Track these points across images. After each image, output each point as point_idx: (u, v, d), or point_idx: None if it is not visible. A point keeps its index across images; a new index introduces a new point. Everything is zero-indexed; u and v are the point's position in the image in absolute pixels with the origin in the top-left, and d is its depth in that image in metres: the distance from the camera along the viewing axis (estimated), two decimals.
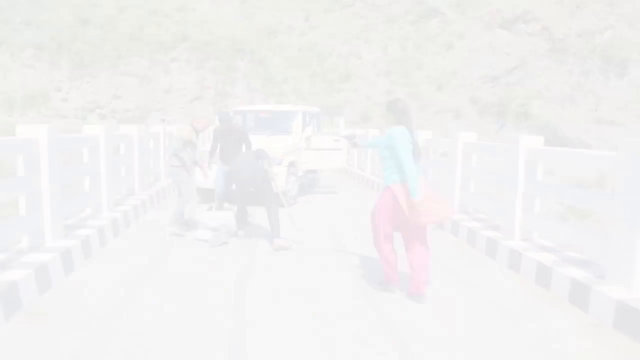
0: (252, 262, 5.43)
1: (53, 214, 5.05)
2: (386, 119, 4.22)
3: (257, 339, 3.44)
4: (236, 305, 4.10)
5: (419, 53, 48.11)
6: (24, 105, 39.50)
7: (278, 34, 49.72)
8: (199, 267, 5.22)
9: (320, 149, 9.93)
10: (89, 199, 6.49)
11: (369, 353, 3.25)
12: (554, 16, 35.56)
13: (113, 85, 41.82)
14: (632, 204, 3.80)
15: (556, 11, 34.86)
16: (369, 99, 46.62)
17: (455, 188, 7.26)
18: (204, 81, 43.36)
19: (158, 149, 10.87)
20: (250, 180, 6.03)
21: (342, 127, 10.24)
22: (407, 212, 3.98)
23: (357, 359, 3.18)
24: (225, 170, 7.05)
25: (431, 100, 45.93)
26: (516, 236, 5.60)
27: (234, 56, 44.84)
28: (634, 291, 3.75)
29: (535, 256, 4.91)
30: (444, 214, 4.22)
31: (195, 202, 6.59)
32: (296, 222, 6.51)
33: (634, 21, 36.90)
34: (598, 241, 4.41)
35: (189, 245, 6.07)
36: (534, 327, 3.71)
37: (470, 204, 7.18)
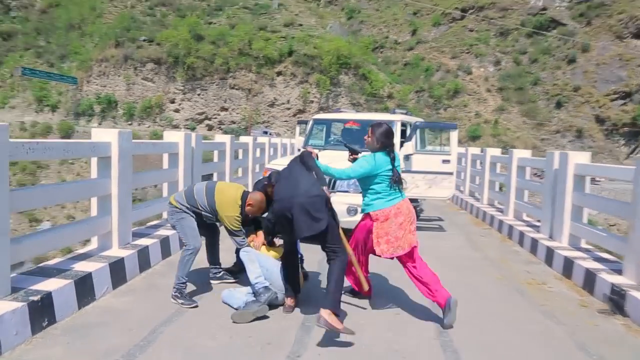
0: None
1: None
2: (370, 145, 3.76)
3: None
4: None
5: (535, 67, 43.14)
6: (142, 115, 41.39)
7: (384, 49, 47.55)
8: None
9: (424, 171, 7.25)
10: (96, 226, 4.50)
11: None
12: None
13: (221, 97, 42.51)
14: None
15: None
16: (479, 116, 42.51)
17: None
18: (308, 95, 42.25)
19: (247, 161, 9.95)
20: (303, 212, 3.41)
21: (454, 143, 7.55)
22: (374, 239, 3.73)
23: None
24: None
25: (549, 118, 40.67)
26: None
27: (338, 71, 43.11)
28: None
29: None
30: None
31: (196, 248, 3.97)
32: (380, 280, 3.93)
33: None
34: None
35: (206, 313, 3.67)
36: None
37: None
